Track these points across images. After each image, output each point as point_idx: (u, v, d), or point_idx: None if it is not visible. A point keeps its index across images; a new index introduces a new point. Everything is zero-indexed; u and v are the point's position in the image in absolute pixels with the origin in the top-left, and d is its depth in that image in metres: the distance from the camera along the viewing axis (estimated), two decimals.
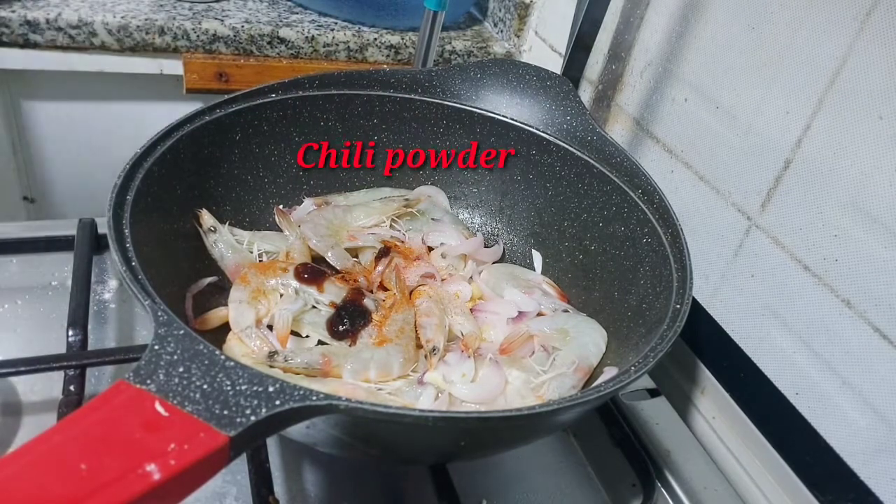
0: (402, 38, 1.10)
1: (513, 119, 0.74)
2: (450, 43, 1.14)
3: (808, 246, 0.61)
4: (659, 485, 0.62)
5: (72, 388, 0.56)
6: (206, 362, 0.36)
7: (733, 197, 0.69)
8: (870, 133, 0.55)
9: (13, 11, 0.92)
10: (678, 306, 0.53)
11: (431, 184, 0.78)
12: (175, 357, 0.36)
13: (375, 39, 1.09)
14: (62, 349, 0.59)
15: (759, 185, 0.66)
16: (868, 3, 0.55)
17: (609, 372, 0.57)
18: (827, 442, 0.59)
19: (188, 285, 0.59)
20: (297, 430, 0.41)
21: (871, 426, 0.56)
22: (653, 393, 0.72)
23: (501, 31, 1.19)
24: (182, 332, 0.38)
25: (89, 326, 0.62)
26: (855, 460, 0.57)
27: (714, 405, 0.71)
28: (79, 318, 0.61)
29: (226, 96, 0.64)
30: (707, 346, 0.71)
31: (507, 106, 0.74)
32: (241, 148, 0.66)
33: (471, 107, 0.75)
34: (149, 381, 0.35)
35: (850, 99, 0.57)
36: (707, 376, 0.71)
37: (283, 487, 0.56)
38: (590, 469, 0.64)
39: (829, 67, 0.58)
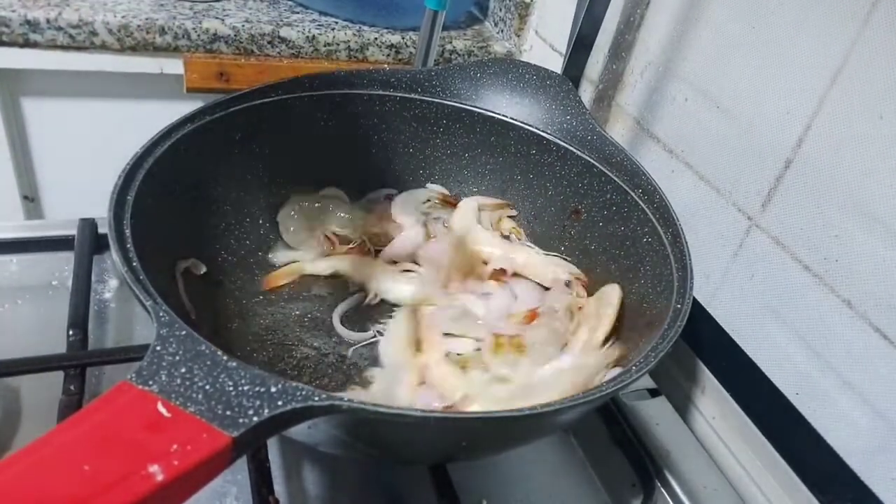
0: (403, 38, 1.10)
1: (513, 118, 0.74)
2: (450, 42, 1.14)
3: (809, 246, 0.61)
4: (659, 485, 0.62)
5: (72, 387, 0.55)
6: (209, 363, 0.36)
7: (734, 197, 0.69)
8: (871, 133, 0.55)
9: (13, 11, 0.92)
10: (679, 306, 0.53)
11: (432, 182, 0.78)
12: (177, 358, 0.36)
13: (376, 39, 1.09)
14: (62, 349, 0.59)
15: (759, 184, 0.66)
16: (868, 2, 0.55)
17: (611, 372, 0.57)
18: (827, 442, 0.59)
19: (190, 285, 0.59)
20: (299, 431, 0.41)
21: (871, 426, 0.56)
22: (653, 393, 0.72)
23: (502, 31, 1.19)
24: (184, 332, 0.38)
25: (89, 326, 0.62)
26: (855, 460, 0.57)
27: (714, 405, 0.71)
28: (79, 317, 0.61)
29: (226, 96, 0.64)
30: (707, 346, 0.71)
31: (507, 105, 0.74)
32: (242, 147, 0.66)
33: (471, 106, 0.75)
34: (151, 382, 0.35)
35: (851, 98, 0.57)
36: (707, 376, 0.71)
37: (284, 487, 0.56)
38: (590, 469, 0.64)
39: (830, 67, 0.58)
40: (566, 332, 0.63)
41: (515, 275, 0.71)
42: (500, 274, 0.70)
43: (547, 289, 0.70)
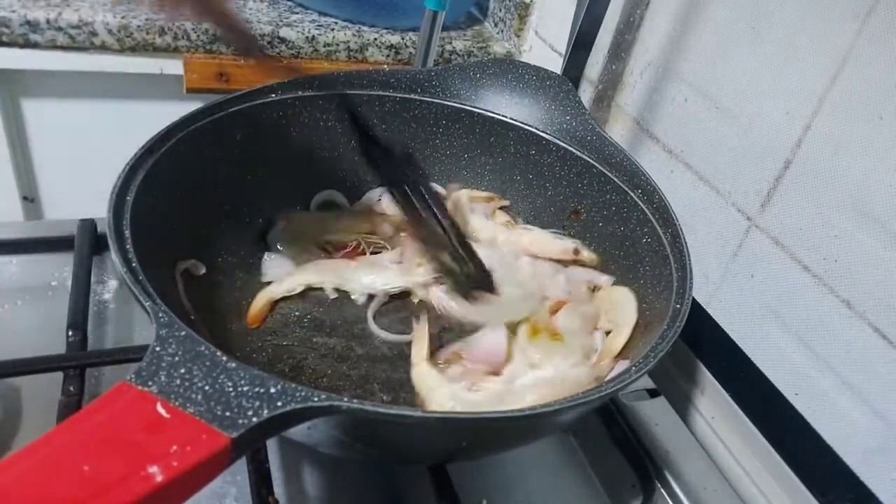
0: (403, 38, 1.10)
1: (512, 119, 0.74)
2: (450, 43, 1.14)
3: (808, 246, 0.61)
4: (658, 485, 0.62)
5: (71, 388, 0.55)
6: (208, 363, 0.36)
7: (733, 197, 0.69)
8: (870, 133, 0.55)
9: (13, 11, 0.92)
10: (678, 306, 0.53)
11: (431, 183, 0.78)
12: (176, 358, 0.36)
13: (376, 39, 1.08)
14: (62, 349, 0.59)
15: (759, 185, 0.66)
16: (868, 2, 0.55)
17: (616, 369, 0.57)
18: (826, 442, 0.59)
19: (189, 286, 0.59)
20: (298, 431, 0.41)
21: (870, 426, 0.56)
22: (652, 393, 0.72)
23: (502, 31, 1.19)
24: (183, 333, 0.38)
25: (89, 327, 0.62)
26: (854, 460, 0.57)
27: (714, 405, 0.71)
28: (78, 318, 0.62)
29: (226, 96, 0.63)
30: (707, 346, 0.71)
31: (506, 106, 0.75)
32: (241, 148, 0.66)
33: (470, 107, 0.75)
34: (150, 383, 0.35)
35: (850, 99, 0.57)
36: (707, 376, 0.71)
37: (283, 488, 0.56)
38: (590, 469, 0.64)
39: (830, 67, 0.58)
40: (595, 314, 0.63)
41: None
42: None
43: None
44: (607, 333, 0.62)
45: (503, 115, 0.74)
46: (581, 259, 0.69)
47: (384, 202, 0.75)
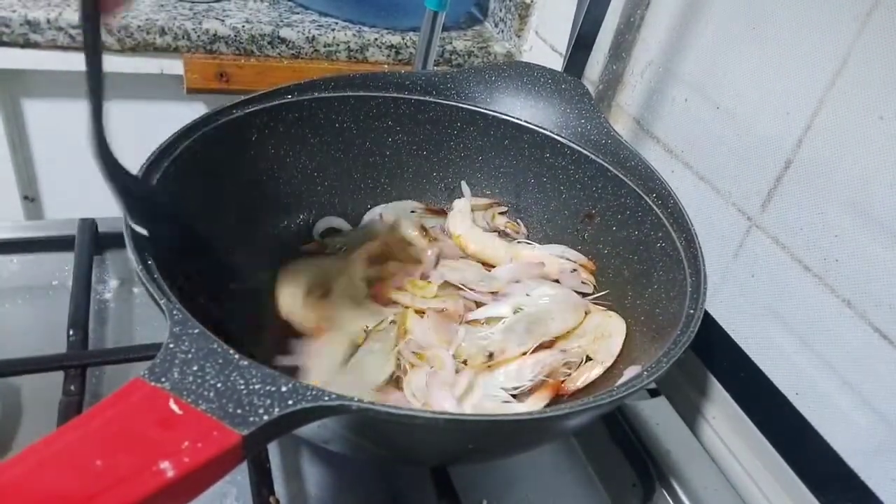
0: (403, 38, 1.10)
1: (527, 122, 0.74)
2: (450, 43, 1.14)
3: (809, 246, 0.61)
4: (659, 484, 0.62)
5: (72, 388, 0.56)
6: (221, 361, 0.36)
7: (733, 197, 0.69)
8: (870, 133, 0.55)
9: (13, 11, 0.91)
10: (692, 311, 0.53)
11: (444, 187, 0.78)
12: (190, 356, 0.36)
13: (376, 39, 1.09)
14: (62, 349, 0.59)
15: (759, 185, 0.66)
16: (869, 2, 0.55)
17: (627, 374, 0.57)
18: (827, 442, 0.59)
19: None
20: (308, 429, 0.41)
21: (871, 426, 0.56)
22: (653, 393, 0.72)
23: (502, 31, 1.19)
24: (197, 330, 0.38)
25: (89, 326, 0.62)
26: (855, 460, 0.57)
27: (714, 405, 0.71)
28: (79, 318, 0.62)
29: (243, 97, 0.63)
30: (707, 345, 0.71)
31: (521, 108, 0.74)
32: (257, 149, 0.65)
33: (485, 109, 0.74)
34: (163, 379, 0.35)
35: (850, 99, 0.57)
36: (708, 376, 0.71)
37: (284, 488, 0.56)
38: (590, 469, 0.65)
39: (830, 67, 0.58)
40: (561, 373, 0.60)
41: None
42: None
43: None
44: (588, 359, 0.61)
45: (518, 118, 0.74)
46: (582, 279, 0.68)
47: (384, 216, 0.75)
